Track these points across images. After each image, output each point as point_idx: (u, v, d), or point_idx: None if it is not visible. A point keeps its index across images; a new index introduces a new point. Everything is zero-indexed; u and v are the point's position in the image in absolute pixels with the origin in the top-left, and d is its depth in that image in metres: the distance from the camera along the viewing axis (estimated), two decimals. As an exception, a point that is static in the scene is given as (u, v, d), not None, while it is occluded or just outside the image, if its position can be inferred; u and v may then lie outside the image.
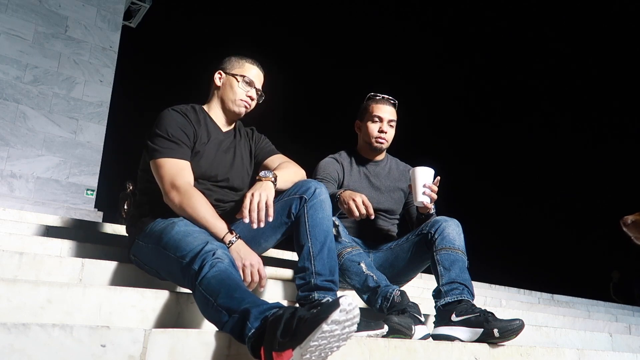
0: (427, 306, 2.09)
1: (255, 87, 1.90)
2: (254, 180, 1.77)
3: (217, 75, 1.92)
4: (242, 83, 1.88)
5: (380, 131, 2.26)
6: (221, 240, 1.56)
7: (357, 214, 1.85)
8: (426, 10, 20.01)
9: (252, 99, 1.90)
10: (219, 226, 1.59)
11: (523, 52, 19.93)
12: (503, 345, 1.65)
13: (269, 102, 1.99)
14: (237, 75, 1.88)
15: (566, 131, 17.93)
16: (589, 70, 17.72)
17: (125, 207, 8.32)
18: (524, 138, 18.42)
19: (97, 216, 7.04)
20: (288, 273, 2.48)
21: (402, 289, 1.81)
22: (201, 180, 1.76)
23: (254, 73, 1.91)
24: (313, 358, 1.08)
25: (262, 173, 1.69)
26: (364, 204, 1.85)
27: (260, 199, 1.56)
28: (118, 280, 1.79)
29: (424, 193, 1.97)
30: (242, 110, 1.90)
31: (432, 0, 19.79)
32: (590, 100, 17.71)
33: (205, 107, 1.92)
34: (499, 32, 19.40)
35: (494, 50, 19.76)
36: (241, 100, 1.87)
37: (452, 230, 1.93)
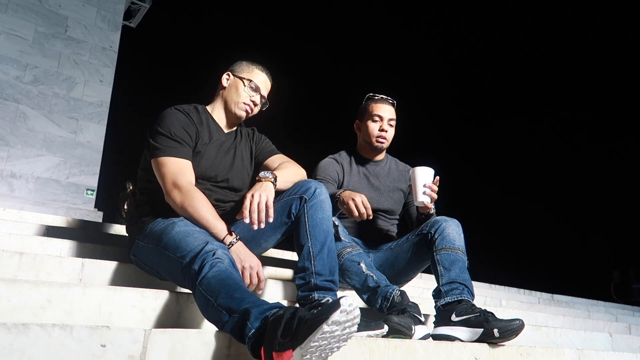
0: (427, 306, 2.09)
1: (260, 94, 1.90)
2: (254, 180, 1.77)
3: (225, 76, 1.92)
4: (248, 87, 1.88)
5: (381, 130, 2.26)
6: (221, 241, 1.56)
7: (356, 214, 1.85)
8: (427, 10, 20.02)
9: (255, 104, 1.90)
10: (219, 227, 1.59)
11: (524, 52, 19.95)
12: (503, 345, 1.65)
13: (270, 101, 1.98)
14: (244, 78, 1.88)
15: (566, 131, 17.95)
16: (589, 71, 17.73)
17: (125, 207, 8.31)
18: (523, 138, 18.44)
19: (97, 216, 7.04)
20: (288, 273, 2.48)
21: (402, 289, 1.81)
22: (201, 180, 1.76)
23: (262, 79, 1.91)
24: (313, 358, 1.08)
25: (262, 173, 1.68)
26: (363, 204, 1.85)
27: (260, 200, 1.56)
28: (118, 280, 1.79)
29: (424, 193, 1.97)
30: (243, 114, 1.89)
31: (433, 1, 19.81)
32: (591, 100, 17.71)
33: (208, 107, 1.93)
34: (499, 31, 19.41)
35: (495, 50, 19.76)
36: (244, 103, 1.87)
37: (452, 230, 1.93)
